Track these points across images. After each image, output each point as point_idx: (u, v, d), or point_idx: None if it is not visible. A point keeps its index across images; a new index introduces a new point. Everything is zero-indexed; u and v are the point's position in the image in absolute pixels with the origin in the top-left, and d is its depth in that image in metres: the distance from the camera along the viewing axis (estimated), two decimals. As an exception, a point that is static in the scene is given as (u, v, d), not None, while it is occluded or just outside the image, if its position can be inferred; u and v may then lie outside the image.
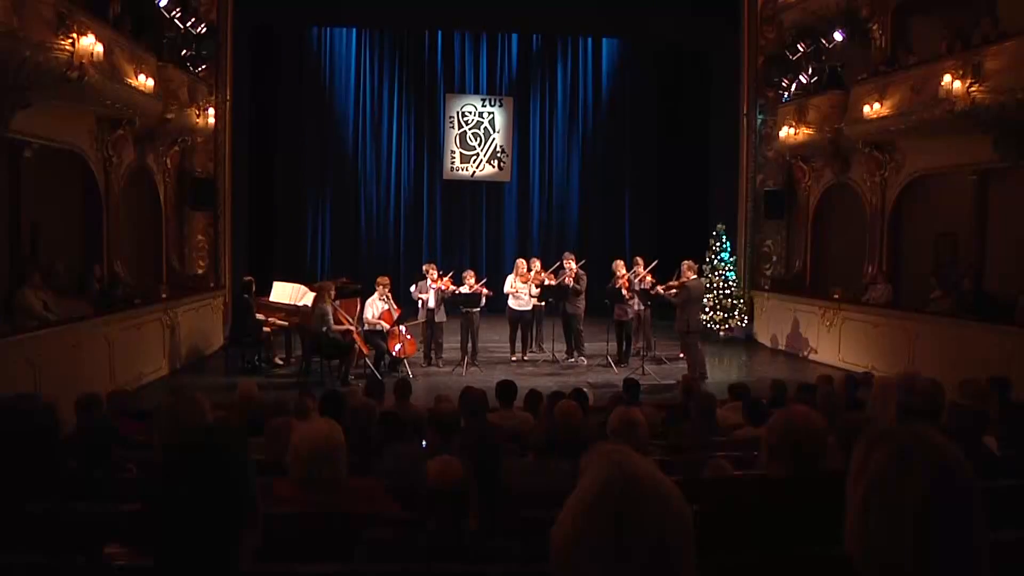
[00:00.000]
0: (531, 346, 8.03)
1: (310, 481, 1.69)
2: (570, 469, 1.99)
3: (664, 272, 7.74)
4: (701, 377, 6.32)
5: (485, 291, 7.24)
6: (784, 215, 9.51)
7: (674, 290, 6.78)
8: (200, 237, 8.87)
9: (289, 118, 10.87)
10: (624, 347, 7.60)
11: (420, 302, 7.26)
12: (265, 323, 7.15)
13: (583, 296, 7.52)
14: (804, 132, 8.66)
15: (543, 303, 7.75)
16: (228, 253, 9.06)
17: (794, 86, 9.03)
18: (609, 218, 11.91)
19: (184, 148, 8.48)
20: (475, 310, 7.26)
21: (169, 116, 7.57)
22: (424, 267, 7.52)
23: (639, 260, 7.81)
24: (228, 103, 8.82)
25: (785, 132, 8.92)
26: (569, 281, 7.46)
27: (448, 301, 7.29)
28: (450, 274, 7.40)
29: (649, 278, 7.54)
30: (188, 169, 8.69)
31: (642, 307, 7.46)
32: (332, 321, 6.52)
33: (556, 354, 7.66)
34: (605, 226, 11.91)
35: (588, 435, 2.32)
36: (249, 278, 7.29)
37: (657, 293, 6.83)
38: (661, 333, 8.07)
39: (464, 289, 7.28)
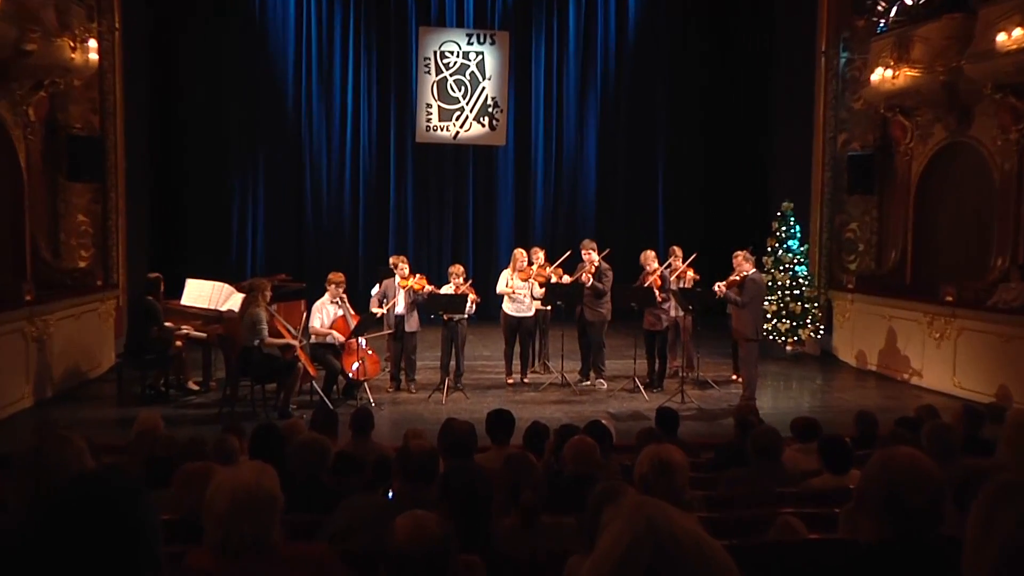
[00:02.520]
0: (534, 364, 8.13)
1: (231, 547, 1.62)
2: (582, 527, 1.95)
3: (712, 267, 7.81)
4: (750, 399, 6.51)
5: (473, 295, 7.29)
6: (875, 188, 9.05)
7: (736, 286, 6.72)
8: (81, 218, 8.09)
9: (206, 59, 10.53)
10: (657, 366, 7.64)
11: (385, 306, 7.28)
12: (175, 334, 6.99)
13: (607, 298, 7.51)
14: (906, 74, 7.87)
15: (549, 307, 7.84)
16: (122, 240, 8.48)
17: (893, 10, 8.38)
18: (637, 194, 11.92)
19: (55, 94, 7.38)
20: (460, 317, 7.27)
21: (28, 47, 6.43)
22: (391, 260, 7.56)
23: (676, 250, 7.88)
24: (117, 32, 8.02)
25: (879, 75, 8.11)
26: (587, 278, 7.41)
27: (423, 306, 7.35)
28: (423, 272, 7.54)
29: (690, 273, 7.70)
30: (62, 124, 7.70)
31: (680, 313, 7.55)
32: (267, 332, 6.49)
33: (567, 375, 7.65)
34: (631, 205, 11.92)
35: (608, 482, 2.30)
36: (155, 275, 7.09)
37: (722, 292, 6.69)
38: (707, 346, 8.01)
39: (447, 289, 7.34)
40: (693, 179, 11.76)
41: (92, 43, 7.26)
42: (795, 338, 9.12)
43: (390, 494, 2.85)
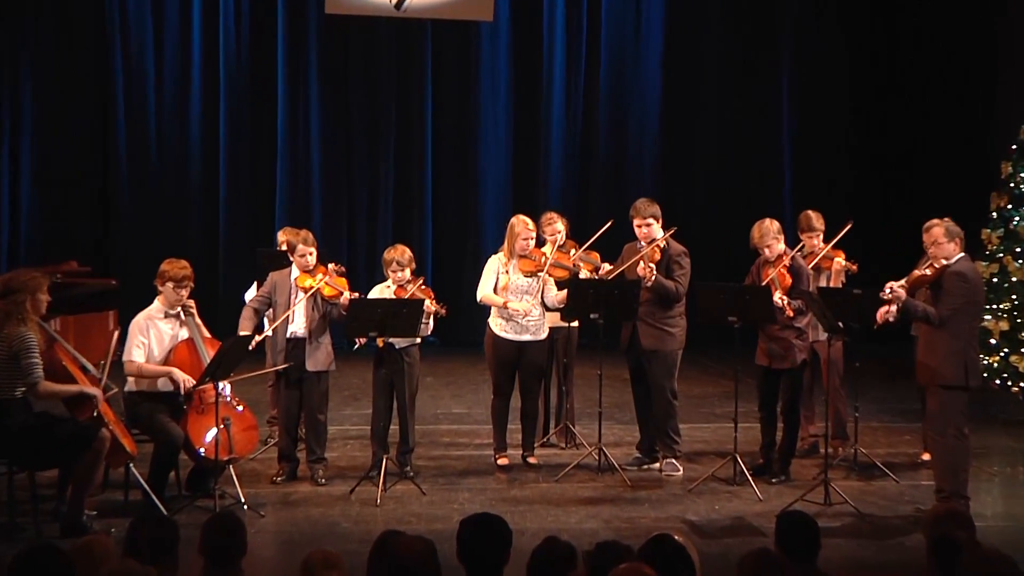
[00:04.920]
0: (547, 431, 8.46)
1: None
2: None
3: (874, 252, 8.60)
4: (956, 497, 6.60)
5: (431, 300, 7.51)
6: None
7: (927, 285, 6.83)
8: None
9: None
10: (780, 435, 7.76)
11: (270, 324, 7.48)
12: None
13: (682, 308, 7.73)
14: None
15: (575, 322, 8.11)
16: None
17: None
18: (741, 124, 12.98)
19: None
20: (409, 344, 7.56)
21: None
22: (280, 239, 8.08)
23: (812, 219, 8.13)
24: None
25: None
26: (646, 271, 7.55)
27: (340, 324, 7.57)
28: (340, 262, 7.92)
29: (840, 260, 7.86)
30: None
31: (823, 336, 7.75)
32: (41, 371, 6.43)
33: (609, 450, 7.83)
34: (726, 141, 12.97)
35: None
36: None
37: (899, 298, 6.73)
38: (872, 397, 8.61)
39: (381, 292, 7.60)
40: (837, 96, 12.87)
41: None
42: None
43: None
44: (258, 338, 7.32)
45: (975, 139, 12.37)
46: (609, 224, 8.07)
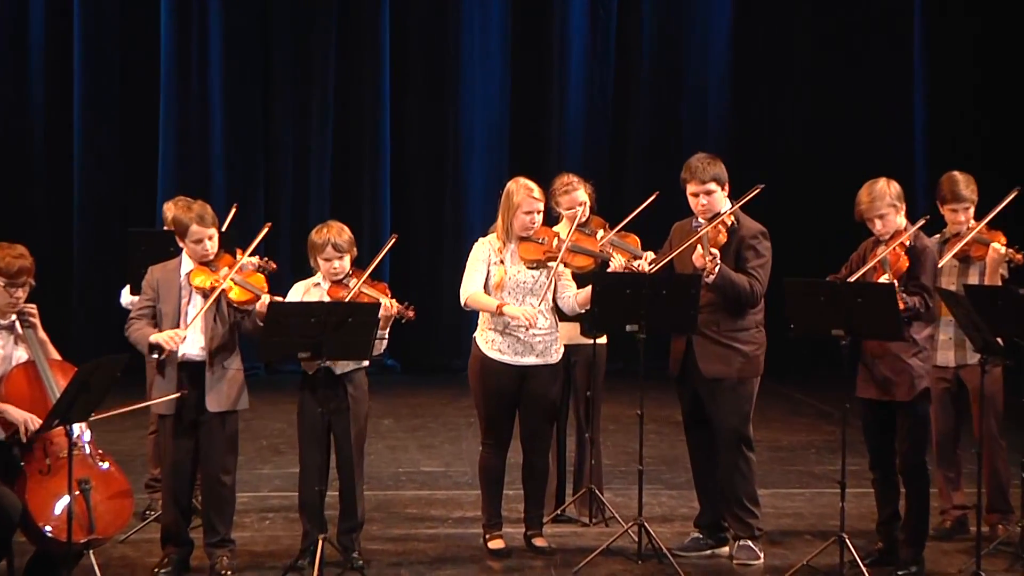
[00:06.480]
0: (560, 503, 8.63)
1: None
2: None
3: None
4: None
5: (387, 299, 7.64)
6: None
7: None
8: None
9: None
10: (903, 501, 7.74)
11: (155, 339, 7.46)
12: None
13: (759, 312, 7.82)
14: None
15: (602, 338, 8.40)
16: None
17: None
18: (850, 55, 13.84)
19: None
20: (353, 368, 7.72)
21: None
22: (167, 213, 8.33)
23: (956, 183, 8.21)
24: None
25: None
26: (706, 260, 7.56)
27: (252, 340, 7.74)
28: (260, 250, 8.07)
29: (999, 247, 7.98)
30: None
31: (972, 358, 7.87)
32: None
33: (652, 526, 7.88)
34: (825, 77, 13.69)
35: None
36: None
37: None
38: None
39: (314, 295, 7.79)
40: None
41: None
42: None
43: None
44: (176, 340, 7.26)
45: None
46: (653, 197, 8.13)
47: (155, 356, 7.32)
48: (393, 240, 7.94)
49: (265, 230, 7.86)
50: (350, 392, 7.50)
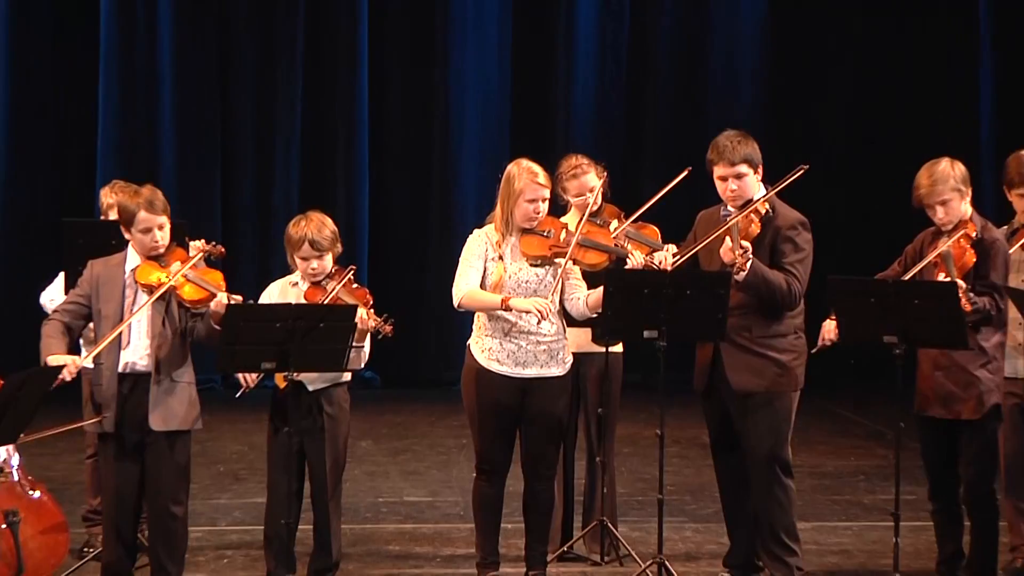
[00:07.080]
0: (567, 538, 8.74)
1: None
2: None
3: None
4: None
5: (371, 317, 7.76)
6: None
7: None
8: None
9: None
10: (970, 539, 7.85)
11: (87, 348, 7.72)
12: None
13: (799, 315, 7.88)
14: None
15: (617, 346, 8.59)
16: None
17: None
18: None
19: None
20: (332, 386, 7.82)
21: None
22: (104, 202, 8.57)
23: None
24: None
25: None
26: (737, 259, 7.55)
27: (207, 346, 7.72)
28: (217, 240, 8.21)
29: None
30: None
31: None
32: None
33: (670, 567, 8.00)
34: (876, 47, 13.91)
35: None
36: None
37: None
38: None
39: (282, 295, 7.98)
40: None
41: None
42: None
43: None
44: (71, 369, 7.12)
45: None
46: (683, 175, 8.07)
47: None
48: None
49: (197, 248, 7.78)
50: (326, 411, 7.56)
